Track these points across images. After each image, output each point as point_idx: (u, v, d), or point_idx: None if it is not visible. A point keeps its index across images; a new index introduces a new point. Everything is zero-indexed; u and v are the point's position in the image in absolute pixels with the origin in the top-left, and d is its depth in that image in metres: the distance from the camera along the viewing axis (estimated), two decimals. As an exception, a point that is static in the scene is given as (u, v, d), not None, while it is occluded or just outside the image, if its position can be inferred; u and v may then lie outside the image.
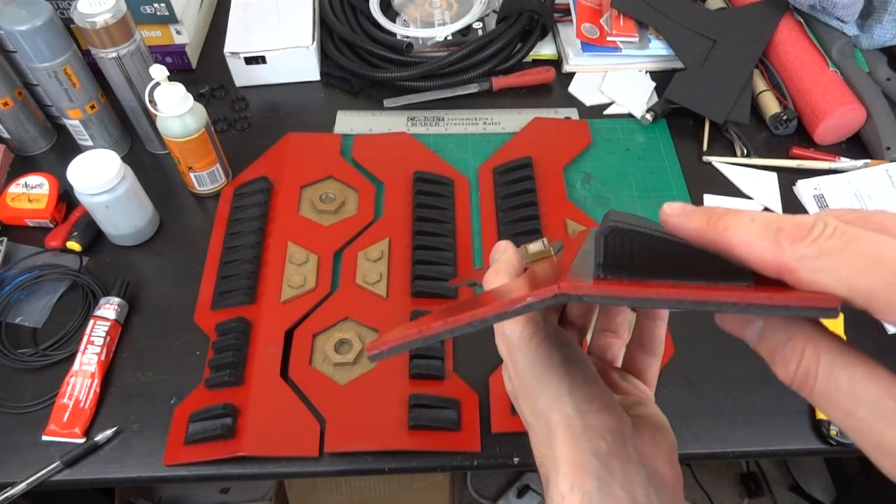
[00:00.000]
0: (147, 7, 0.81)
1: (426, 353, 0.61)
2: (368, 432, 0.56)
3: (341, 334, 0.62)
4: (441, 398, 0.58)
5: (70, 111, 0.73)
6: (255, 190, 0.73)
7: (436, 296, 0.65)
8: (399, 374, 0.60)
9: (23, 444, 0.58)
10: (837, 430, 0.57)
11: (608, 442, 0.32)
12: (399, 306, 0.64)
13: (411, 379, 0.60)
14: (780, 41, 0.84)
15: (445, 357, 0.61)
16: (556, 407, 0.33)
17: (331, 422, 0.57)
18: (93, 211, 0.67)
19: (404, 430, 0.57)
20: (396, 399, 0.58)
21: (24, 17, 0.65)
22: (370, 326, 0.63)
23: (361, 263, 0.67)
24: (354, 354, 0.61)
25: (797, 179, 0.76)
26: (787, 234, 0.22)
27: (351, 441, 0.56)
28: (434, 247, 0.68)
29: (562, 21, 0.91)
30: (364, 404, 0.58)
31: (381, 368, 0.60)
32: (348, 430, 0.57)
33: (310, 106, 0.85)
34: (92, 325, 0.62)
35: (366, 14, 0.90)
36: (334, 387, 0.59)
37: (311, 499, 1.11)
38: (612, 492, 0.31)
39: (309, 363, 0.61)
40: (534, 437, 0.35)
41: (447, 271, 0.67)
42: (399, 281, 0.66)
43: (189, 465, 0.56)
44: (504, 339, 0.36)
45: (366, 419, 0.57)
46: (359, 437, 0.56)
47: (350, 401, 0.58)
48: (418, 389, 0.59)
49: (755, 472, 1.32)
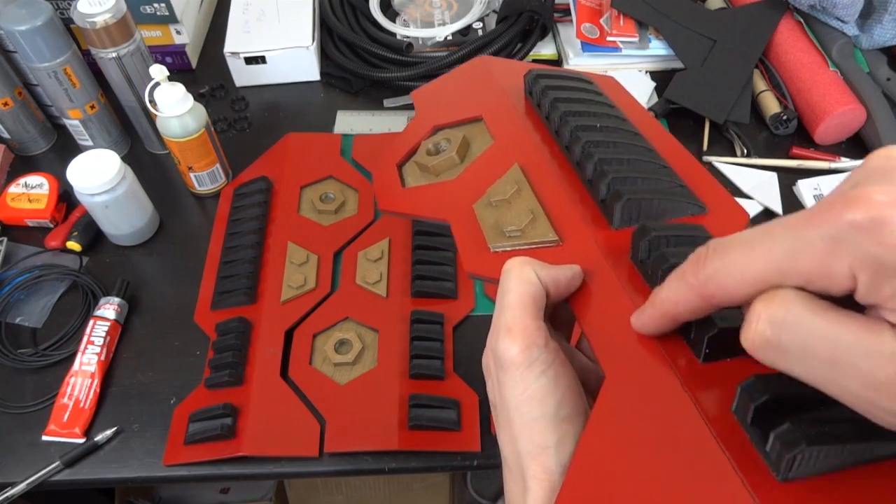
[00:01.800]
0: (147, 7, 0.81)
1: (426, 354, 0.61)
2: (368, 432, 0.56)
3: (341, 334, 0.62)
4: (441, 398, 0.58)
5: (70, 111, 0.73)
6: (255, 190, 0.73)
7: (436, 296, 0.65)
8: (399, 374, 0.60)
9: (23, 444, 0.58)
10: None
11: None
12: (399, 306, 0.64)
13: (411, 379, 0.60)
14: (780, 41, 0.84)
15: (445, 357, 0.61)
16: (538, 457, 0.29)
17: (331, 422, 0.57)
18: (93, 211, 0.67)
19: (404, 430, 0.56)
20: (396, 399, 0.58)
21: (24, 17, 0.65)
22: (370, 326, 0.63)
23: (361, 263, 0.67)
24: (354, 354, 0.61)
25: (797, 179, 0.76)
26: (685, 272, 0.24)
27: (351, 441, 0.56)
28: (434, 247, 0.68)
29: (562, 21, 0.91)
30: (364, 404, 0.58)
31: (381, 368, 0.60)
32: (348, 430, 0.57)
33: (310, 106, 0.85)
34: (92, 325, 0.62)
35: (366, 14, 0.90)
36: (334, 387, 0.59)
37: (311, 499, 1.11)
38: None
39: (309, 363, 0.61)
40: (507, 471, 0.32)
41: (447, 271, 0.67)
42: (399, 281, 0.66)
43: (189, 465, 0.56)
44: (495, 357, 0.30)
45: (366, 419, 0.57)
46: (359, 437, 0.56)
47: (350, 401, 0.58)
48: (418, 389, 0.59)
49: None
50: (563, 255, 0.35)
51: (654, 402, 0.26)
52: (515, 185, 0.39)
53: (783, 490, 0.21)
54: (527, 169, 0.40)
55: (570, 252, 0.35)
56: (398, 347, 0.61)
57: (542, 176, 0.39)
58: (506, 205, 0.38)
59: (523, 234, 0.37)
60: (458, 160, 0.44)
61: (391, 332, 0.62)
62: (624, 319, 0.29)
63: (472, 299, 0.66)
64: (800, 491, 0.21)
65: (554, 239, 0.36)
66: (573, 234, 0.35)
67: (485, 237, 0.38)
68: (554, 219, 0.36)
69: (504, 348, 0.30)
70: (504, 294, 0.31)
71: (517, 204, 0.38)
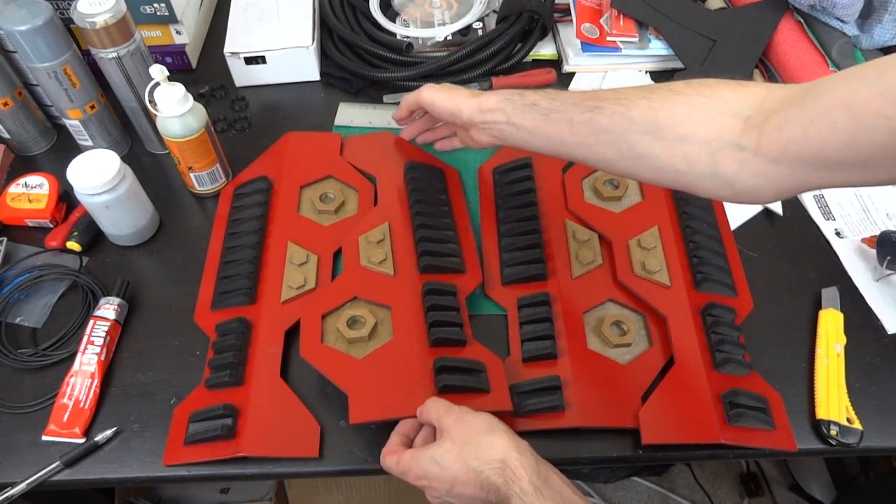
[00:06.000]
0: (147, 7, 0.81)
1: (445, 321, 0.60)
2: (394, 400, 0.56)
3: (352, 312, 0.62)
4: (468, 360, 0.58)
5: (70, 111, 0.73)
6: (254, 190, 0.73)
7: (445, 270, 0.65)
8: (419, 344, 0.59)
9: (23, 444, 0.58)
10: (837, 430, 0.57)
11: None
12: (409, 282, 0.64)
13: (432, 347, 0.59)
14: (780, 41, 0.84)
15: (464, 324, 0.61)
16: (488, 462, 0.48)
17: (353, 395, 0.56)
18: (93, 211, 0.67)
19: (432, 394, 0.55)
20: (420, 367, 0.57)
21: (24, 17, 0.65)
22: (381, 304, 0.63)
23: (364, 246, 0.67)
24: (369, 329, 0.60)
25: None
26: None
27: (377, 410, 0.56)
28: (435, 226, 0.68)
29: (562, 21, 0.91)
30: (386, 375, 0.58)
31: (398, 340, 0.60)
32: (372, 399, 0.56)
33: (310, 106, 0.85)
34: (92, 326, 0.62)
35: (366, 14, 0.90)
36: (352, 361, 0.59)
37: (311, 499, 1.11)
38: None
39: (321, 342, 0.60)
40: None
41: (452, 248, 0.67)
42: (405, 259, 0.65)
43: (189, 465, 0.56)
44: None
45: (390, 389, 0.57)
46: (385, 406, 0.56)
47: (370, 373, 0.58)
48: (442, 355, 0.58)
49: (755, 472, 1.32)
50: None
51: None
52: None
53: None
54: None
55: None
56: (413, 320, 0.61)
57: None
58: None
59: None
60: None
61: (404, 306, 0.62)
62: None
63: (479, 274, 0.66)
64: None
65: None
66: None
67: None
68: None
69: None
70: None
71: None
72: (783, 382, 0.61)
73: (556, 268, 0.67)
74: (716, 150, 0.47)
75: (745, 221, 0.73)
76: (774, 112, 0.45)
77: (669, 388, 0.59)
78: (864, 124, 0.39)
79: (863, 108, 0.39)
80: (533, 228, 0.69)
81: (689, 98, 0.49)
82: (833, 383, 0.60)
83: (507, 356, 0.62)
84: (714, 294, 0.65)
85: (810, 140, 0.42)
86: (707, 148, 0.47)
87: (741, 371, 0.59)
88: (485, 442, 0.47)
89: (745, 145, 0.46)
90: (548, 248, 0.68)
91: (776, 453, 0.57)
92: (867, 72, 0.41)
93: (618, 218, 0.70)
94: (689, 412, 0.57)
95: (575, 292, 0.65)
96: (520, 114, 0.58)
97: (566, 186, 0.73)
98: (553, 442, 0.57)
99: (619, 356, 0.62)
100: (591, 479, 1.29)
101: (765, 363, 0.62)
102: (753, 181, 0.46)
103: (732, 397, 0.57)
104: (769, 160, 0.45)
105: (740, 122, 0.46)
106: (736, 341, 0.61)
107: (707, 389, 0.58)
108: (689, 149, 0.48)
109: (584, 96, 0.55)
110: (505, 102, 0.59)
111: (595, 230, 0.70)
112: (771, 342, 0.64)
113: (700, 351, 0.60)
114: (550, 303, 0.64)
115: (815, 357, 0.62)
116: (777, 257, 0.70)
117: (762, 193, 0.47)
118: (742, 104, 0.47)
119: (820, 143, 0.42)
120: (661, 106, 0.50)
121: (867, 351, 0.63)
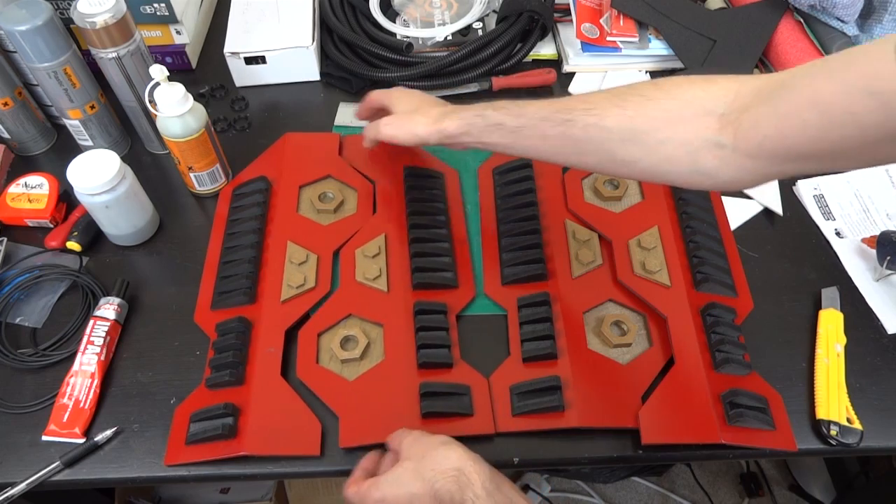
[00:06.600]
0: (147, 7, 0.81)
1: (433, 343, 0.61)
2: (382, 425, 0.56)
3: (346, 331, 0.62)
4: (452, 384, 0.59)
5: (70, 111, 0.73)
6: (254, 190, 0.73)
7: (437, 286, 0.65)
8: (407, 366, 0.60)
9: (23, 444, 0.58)
10: (837, 430, 0.57)
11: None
12: (402, 300, 0.64)
13: (420, 369, 0.60)
14: (780, 41, 0.84)
15: (452, 345, 0.62)
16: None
17: (344, 418, 0.57)
18: (93, 211, 0.67)
19: (417, 419, 0.57)
20: (407, 390, 0.58)
21: (24, 17, 0.65)
22: (374, 321, 0.63)
23: (360, 261, 0.67)
24: (361, 349, 0.61)
25: (797, 179, 0.76)
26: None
27: (365, 435, 0.56)
28: (430, 239, 0.68)
29: (562, 21, 0.91)
30: (375, 398, 0.58)
31: (388, 361, 0.61)
32: (362, 424, 0.57)
33: (309, 106, 0.85)
34: (92, 326, 0.62)
35: (366, 14, 0.90)
36: (344, 383, 0.59)
37: (311, 499, 1.11)
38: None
39: (316, 362, 0.61)
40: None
41: (445, 262, 0.67)
42: (399, 275, 0.66)
43: (189, 465, 0.56)
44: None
45: (378, 413, 0.57)
46: (373, 430, 0.56)
47: (361, 396, 0.59)
48: (428, 379, 0.59)
49: (755, 472, 1.32)
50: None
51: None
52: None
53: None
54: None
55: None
56: (404, 340, 0.61)
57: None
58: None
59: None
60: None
61: (396, 325, 0.62)
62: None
63: (473, 287, 0.67)
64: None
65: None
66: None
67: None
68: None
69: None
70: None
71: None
72: (783, 382, 0.61)
73: (556, 268, 0.67)
74: (695, 150, 0.48)
75: (745, 221, 0.73)
76: (748, 108, 0.46)
77: (669, 388, 0.59)
78: (832, 121, 0.41)
79: (829, 105, 0.41)
80: (533, 228, 0.69)
81: (660, 103, 0.50)
82: (833, 383, 0.60)
83: (507, 356, 0.62)
84: (714, 294, 0.65)
85: (784, 136, 0.44)
86: (686, 148, 0.49)
87: (741, 371, 0.59)
88: (440, 454, 0.48)
89: (724, 143, 0.47)
90: (548, 248, 0.68)
91: (776, 453, 0.57)
92: (833, 65, 0.42)
93: (618, 218, 0.71)
94: (688, 412, 0.57)
95: (575, 292, 0.65)
96: (487, 135, 0.58)
97: (566, 186, 0.73)
98: (553, 442, 0.57)
99: (619, 356, 0.62)
100: (591, 479, 1.29)
101: (765, 363, 0.62)
102: (734, 174, 0.48)
103: (732, 397, 0.57)
104: (747, 155, 0.47)
105: (715, 121, 0.47)
106: (736, 341, 0.61)
107: (707, 389, 0.58)
108: (669, 150, 0.49)
109: (552, 108, 0.54)
110: (468, 126, 0.58)
111: (595, 230, 0.70)
112: (771, 342, 0.64)
113: (700, 351, 0.60)
114: (550, 303, 0.64)
115: (815, 357, 0.62)
116: (777, 257, 0.70)
117: (742, 182, 0.49)
118: (714, 102, 0.48)
119: (793, 139, 0.44)
120: (635, 113, 0.50)
121: (867, 351, 0.63)
